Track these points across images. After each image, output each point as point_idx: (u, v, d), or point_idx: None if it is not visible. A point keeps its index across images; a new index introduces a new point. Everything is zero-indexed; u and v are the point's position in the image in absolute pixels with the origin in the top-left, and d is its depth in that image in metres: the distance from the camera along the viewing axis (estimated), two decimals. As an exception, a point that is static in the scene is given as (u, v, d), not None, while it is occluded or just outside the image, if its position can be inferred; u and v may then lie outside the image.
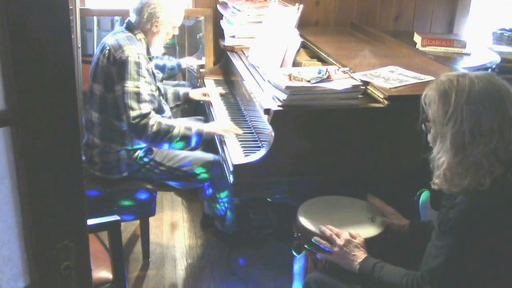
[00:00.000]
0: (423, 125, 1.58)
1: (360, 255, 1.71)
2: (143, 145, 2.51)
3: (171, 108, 2.88)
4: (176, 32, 2.68)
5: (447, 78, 1.47)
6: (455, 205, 1.43)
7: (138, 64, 2.36)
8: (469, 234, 1.41)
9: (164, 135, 2.34)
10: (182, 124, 2.41)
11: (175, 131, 2.36)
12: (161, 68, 3.18)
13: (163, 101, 2.70)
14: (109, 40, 2.45)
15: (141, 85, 2.35)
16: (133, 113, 2.32)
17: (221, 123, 2.50)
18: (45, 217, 0.94)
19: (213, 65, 3.38)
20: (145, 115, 2.33)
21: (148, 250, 2.75)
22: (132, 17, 2.53)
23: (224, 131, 2.39)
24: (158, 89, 2.64)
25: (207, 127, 2.44)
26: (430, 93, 1.49)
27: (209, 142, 2.69)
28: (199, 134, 2.40)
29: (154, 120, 2.34)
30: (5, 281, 0.94)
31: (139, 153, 2.52)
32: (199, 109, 3.16)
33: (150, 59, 2.56)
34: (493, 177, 1.40)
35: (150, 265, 2.73)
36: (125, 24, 2.56)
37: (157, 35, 2.55)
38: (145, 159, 2.53)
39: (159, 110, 2.53)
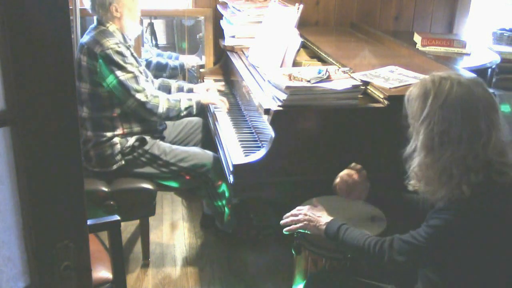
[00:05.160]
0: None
1: (325, 218, 1.75)
2: (135, 129, 2.58)
3: None
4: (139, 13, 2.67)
5: (431, 78, 1.48)
6: (443, 209, 1.44)
7: (121, 53, 2.46)
8: (451, 238, 1.44)
9: (173, 109, 2.56)
10: (183, 97, 2.64)
11: (181, 104, 2.58)
12: (163, 67, 3.19)
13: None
14: (85, 39, 2.53)
15: (132, 69, 2.48)
16: (141, 95, 2.47)
17: (212, 94, 2.80)
18: (45, 217, 0.94)
19: (213, 65, 3.38)
20: (153, 93, 2.51)
21: (148, 250, 2.75)
22: (97, 14, 2.57)
23: (216, 101, 2.69)
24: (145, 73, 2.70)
25: (203, 99, 2.68)
26: (413, 90, 1.51)
27: (208, 140, 2.75)
28: (198, 104, 2.64)
29: (164, 97, 2.55)
30: (5, 281, 0.94)
31: (132, 141, 2.56)
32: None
33: (129, 46, 2.61)
34: (473, 185, 1.40)
35: (150, 265, 2.73)
36: (95, 22, 2.60)
37: (123, 17, 2.57)
38: (139, 150, 2.58)
39: None
